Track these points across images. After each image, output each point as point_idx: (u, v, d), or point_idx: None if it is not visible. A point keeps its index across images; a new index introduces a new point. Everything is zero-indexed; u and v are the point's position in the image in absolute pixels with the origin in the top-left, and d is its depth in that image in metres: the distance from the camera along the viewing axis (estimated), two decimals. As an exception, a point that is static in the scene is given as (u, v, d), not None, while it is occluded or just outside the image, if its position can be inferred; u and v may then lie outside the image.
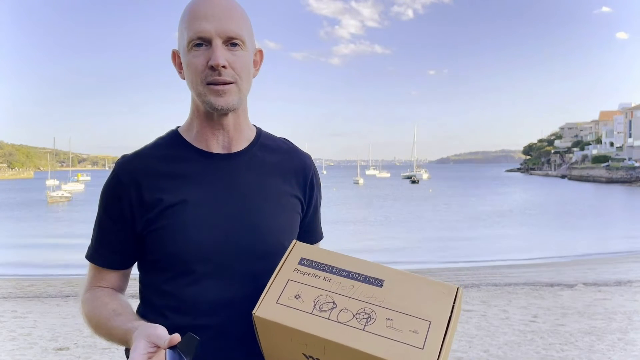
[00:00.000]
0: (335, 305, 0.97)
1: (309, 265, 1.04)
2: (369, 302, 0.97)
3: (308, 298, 0.99)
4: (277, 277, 1.03)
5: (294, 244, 1.09)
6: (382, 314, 0.94)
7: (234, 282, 1.12)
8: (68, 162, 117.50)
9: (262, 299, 1.00)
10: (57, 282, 10.06)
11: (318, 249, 1.11)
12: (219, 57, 1.09)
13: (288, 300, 0.99)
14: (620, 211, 30.76)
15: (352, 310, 0.96)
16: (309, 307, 0.97)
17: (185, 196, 1.13)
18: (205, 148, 1.19)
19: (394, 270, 1.02)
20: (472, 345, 5.00)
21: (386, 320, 0.94)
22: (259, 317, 0.98)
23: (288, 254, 1.07)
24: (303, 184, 1.28)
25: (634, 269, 11.11)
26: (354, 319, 0.94)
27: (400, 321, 0.93)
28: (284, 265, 1.05)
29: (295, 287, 1.01)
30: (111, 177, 1.18)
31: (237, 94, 1.14)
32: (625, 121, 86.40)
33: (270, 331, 1.00)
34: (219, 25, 1.10)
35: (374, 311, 0.95)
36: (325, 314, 0.96)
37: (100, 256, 1.19)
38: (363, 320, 0.94)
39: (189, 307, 1.11)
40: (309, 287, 1.00)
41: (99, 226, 1.20)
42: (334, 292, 0.99)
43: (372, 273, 1.01)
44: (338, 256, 1.06)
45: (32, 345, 5.15)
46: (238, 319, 1.10)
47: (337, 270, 1.03)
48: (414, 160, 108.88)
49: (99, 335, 1.15)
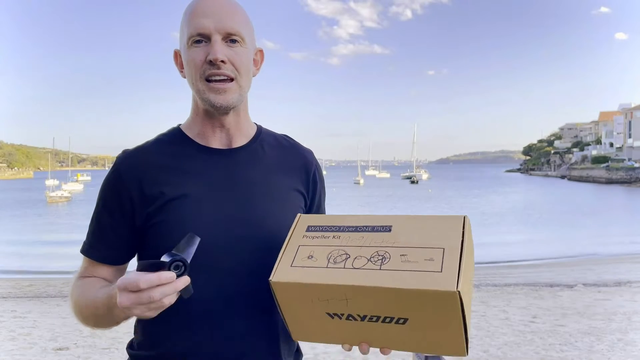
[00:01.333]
0: (349, 255, 0.99)
1: (317, 230, 1.07)
2: (380, 246, 0.99)
3: (321, 256, 1.01)
4: (288, 246, 1.05)
5: (298, 217, 1.12)
6: (396, 253, 0.97)
7: (235, 277, 1.12)
8: (68, 162, 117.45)
9: (277, 266, 1.02)
10: (56, 282, 10.06)
11: (323, 215, 1.13)
12: (217, 51, 1.10)
13: (302, 262, 1.01)
14: (620, 212, 30.75)
15: (366, 256, 0.98)
16: (324, 263, 0.99)
17: (186, 191, 1.13)
18: (206, 144, 1.20)
19: (400, 215, 1.05)
20: (471, 346, 4.99)
21: (400, 257, 0.95)
22: (277, 282, 0.99)
23: (294, 226, 1.10)
24: (306, 179, 1.28)
25: (633, 269, 11.11)
26: (369, 262, 0.96)
27: (414, 254, 0.95)
28: (292, 235, 1.08)
29: (307, 250, 1.03)
30: (112, 172, 1.18)
31: (237, 91, 1.15)
32: (625, 122, 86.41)
33: (290, 295, 1.01)
34: (218, 21, 1.11)
35: (387, 252, 0.97)
36: (341, 265, 0.98)
37: (96, 250, 1.19)
38: (378, 261, 0.96)
39: (190, 302, 1.11)
40: (320, 247, 1.03)
41: (96, 220, 1.19)
42: (345, 245, 1.01)
43: (379, 222, 1.04)
44: (343, 217, 1.09)
45: (31, 345, 5.15)
46: (239, 313, 1.10)
47: (344, 227, 1.05)
48: (414, 161, 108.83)
49: (86, 323, 1.13)
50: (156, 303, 0.89)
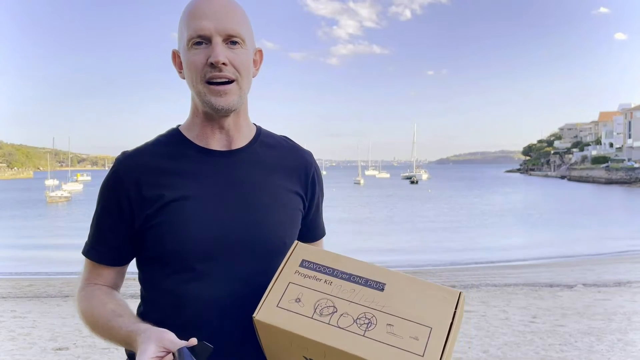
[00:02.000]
0: (336, 309, 0.97)
1: (310, 267, 1.04)
2: (369, 307, 0.96)
3: (309, 302, 0.98)
4: (278, 280, 1.03)
5: (295, 245, 1.09)
6: (383, 319, 0.94)
7: (234, 279, 1.11)
8: (67, 162, 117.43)
9: (263, 303, 1.00)
10: (56, 282, 10.07)
11: (319, 250, 1.10)
12: (219, 54, 1.09)
13: (288, 304, 0.99)
14: (620, 212, 30.76)
15: (353, 315, 0.95)
16: (310, 312, 0.97)
17: (185, 192, 1.13)
18: (206, 146, 1.19)
19: (396, 273, 1.02)
20: (471, 346, 5.00)
21: (387, 326, 0.93)
22: (260, 320, 0.98)
23: (289, 255, 1.07)
24: (304, 181, 1.28)
25: (633, 269, 11.12)
26: (354, 324, 0.94)
27: (401, 327, 0.93)
28: (285, 267, 1.05)
29: (296, 290, 1.01)
30: (111, 173, 1.18)
31: (237, 92, 1.14)
32: (625, 122, 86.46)
33: (271, 334, 1.00)
34: (218, 23, 1.10)
35: (375, 316, 0.95)
36: (326, 319, 0.96)
37: (97, 252, 1.19)
38: (363, 325, 0.94)
39: (189, 304, 1.11)
40: (309, 290, 1.00)
41: (96, 222, 1.19)
42: (335, 295, 0.99)
43: (374, 276, 1.01)
44: (339, 258, 1.05)
45: (31, 345, 5.15)
46: (238, 316, 1.10)
47: (338, 272, 1.02)
48: (414, 161, 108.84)
49: (95, 334, 1.14)
50: None
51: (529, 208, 32.28)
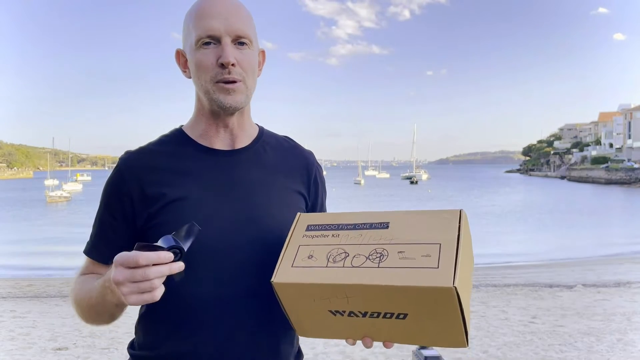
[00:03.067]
0: (348, 254, 1.00)
1: (316, 229, 1.08)
2: (378, 243, 1.00)
3: (321, 255, 1.02)
4: (288, 246, 1.06)
5: (298, 216, 1.13)
6: (394, 249, 0.98)
7: (236, 278, 1.11)
8: (67, 162, 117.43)
9: (278, 267, 1.03)
10: (56, 282, 10.06)
11: (322, 214, 1.14)
12: (229, 55, 1.10)
13: (302, 262, 1.02)
14: (620, 212, 30.76)
15: (364, 254, 0.99)
16: (324, 262, 1.00)
17: (187, 192, 1.13)
18: (209, 145, 1.20)
19: (397, 212, 1.06)
20: (471, 346, 5.00)
21: (398, 254, 0.96)
22: (278, 283, 1.01)
23: (294, 225, 1.11)
24: (307, 181, 1.29)
25: (633, 270, 11.11)
26: (367, 260, 0.98)
27: (412, 251, 0.96)
28: (293, 235, 1.09)
29: (307, 249, 1.04)
30: (114, 173, 1.18)
31: (244, 92, 1.15)
32: (625, 122, 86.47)
33: (292, 295, 1.02)
34: (228, 24, 1.11)
35: (385, 249, 0.98)
36: (340, 264, 0.99)
37: (98, 251, 1.19)
38: (376, 259, 0.97)
39: (191, 303, 1.11)
40: (319, 246, 1.04)
41: (99, 221, 1.20)
42: (344, 243, 1.03)
43: (377, 219, 1.05)
44: (342, 215, 1.10)
45: (31, 345, 5.15)
46: (241, 314, 1.10)
47: (343, 225, 1.07)
48: (414, 161, 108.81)
49: (86, 318, 1.13)
50: (148, 283, 0.89)
51: (528, 208, 32.28)
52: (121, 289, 0.91)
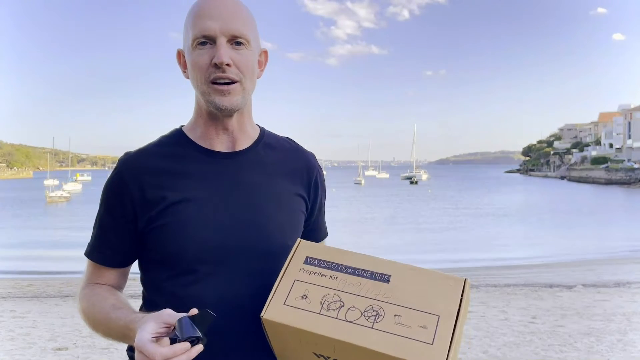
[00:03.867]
0: (343, 303, 0.97)
1: (315, 264, 1.04)
2: (376, 299, 0.97)
3: (315, 298, 0.98)
4: (284, 278, 1.03)
5: (298, 243, 1.09)
6: (390, 311, 0.94)
7: (236, 281, 1.11)
8: (68, 162, 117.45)
9: (270, 301, 1.00)
10: (56, 282, 10.06)
11: (323, 246, 1.11)
12: (222, 55, 1.09)
13: (295, 301, 0.99)
14: (620, 212, 30.77)
15: (360, 308, 0.96)
16: (317, 307, 0.97)
17: (188, 194, 1.13)
18: (209, 147, 1.19)
19: (400, 264, 1.03)
20: (471, 346, 5.00)
21: (394, 317, 0.93)
22: (268, 319, 0.98)
23: (293, 253, 1.07)
24: (307, 183, 1.28)
25: (633, 270, 11.12)
26: (362, 317, 0.94)
27: (409, 317, 0.93)
28: (290, 265, 1.05)
29: (302, 287, 1.01)
30: (114, 174, 1.18)
31: (241, 93, 1.14)
32: (625, 122, 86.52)
33: (280, 333, 1.00)
34: (223, 24, 1.10)
35: (382, 308, 0.95)
36: (334, 313, 0.96)
37: (100, 253, 1.19)
38: (371, 317, 0.94)
39: (191, 306, 1.10)
40: (315, 286, 1.00)
41: (99, 223, 1.19)
42: (341, 290, 0.99)
43: (378, 269, 1.01)
44: (343, 253, 1.06)
45: (31, 345, 5.15)
46: (241, 318, 1.10)
47: (343, 267, 1.02)
48: (414, 161, 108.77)
49: (96, 332, 1.14)
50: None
51: (528, 209, 32.29)
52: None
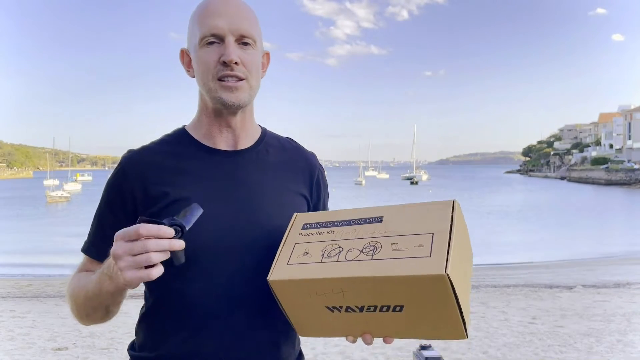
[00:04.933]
0: (342, 249, 1.01)
1: (312, 227, 1.09)
2: (372, 237, 1.01)
3: (316, 252, 1.02)
4: (284, 245, 1.07)
5: (295, 216, 1.13)
6: (387, 242, 0.98)
7: (237, 278, 1.11)
8: (67, 162, 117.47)
9: (274, 265, 1.04)
10: (55, 282, 10.06)
11: (318, 212, 1.15)
12: (231, 53, 1.10)
13: (298, 259, 1.03)
14: (620, 213, 30.77)
15: (358, 248, 0.99)
16: (318, 258, 1.01)
17: (190, 192, 1.13)
18: (212, 145, 1.20)
19: (391, 206, 1.07)
20: (470, 347, 5.00)
21: (391, 246, 0.97)
22: (274, 280, 1.01)
23: (291, 225, 1.11)
24: (309, 183, 1.29)
25: (632, 270, 11.12)
26: (361, 253, 0.98)
27: (405, 242, 0.97)
28: (289, 234, 1.09)
29: (303, 247, 1.05)
30: (116, 171, 1.18)
31: (247, 91, 1.15)
32: (625, 123, 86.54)
33: (288, 293, 1.02)
34: (232, 23, 1.12)
35: (379, 242, 0.99)
36: (334, 258, 0.99)
37: (97, 249, 1.18)
38: (370, 252, 0.98)
39: (194, 303, 1.11)
40: (315, 243, 1.05)
41: (98, 219, 1.19)
42: (339, 239, 1.03)
43: (371, 214, 1.06)
44: (338, 212, 1.11)
45: (30, 345, 5.15)
46: (243, 314, 1.10)
47: (338, 222, 1.07)
48: (414, 162, 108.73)
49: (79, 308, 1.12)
50: (145, 256, 0.89)
51: (528, 209, 32.29)
52: (119, 264, 0.91)
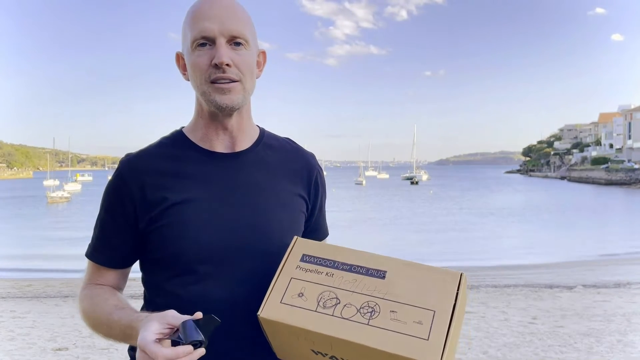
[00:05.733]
0: (339, 300, 0.97)
1: (311, 261, 1.05)
2: (372, 295, 0.97)
3: (311, 295, 0.99)
4: (280, 276, 1.04)
5: (295, 240, 1.10)
6: (386, 307, 0.95)
7: (236, 282, 1.11)
8: (67, 162, 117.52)
9: (266, 300, 1.01)
10: (55, 282, 10.05)
11: (319, 243, 1.11)
12: (222, 55, 1.10)
13: (292, 299, 0.99)
14: (620, 213, 30.78)
15: (356, 305, 0.96)
16: (313, 305, 0.98)
17: (188, 195, 1.13)
18: (210, 148, 1.19)
19: (396, 260, 1.03)
20: (471, 347, 5.00)
21: (390, 313, 0.94)
22: (264, 318, 0.99)
23: (290, 251, 1.08)
24: (307, 184, 1.28)
25: (633, 270, 11.12)
26: (358, 313, 0.95)
27: (404, 313, 0.93)
28: (286, 263, 1.06)
29: (299, 285, 1.01)
30: (115, 176, 1.18)
31: (241, 92, 1.15)
32: (625, 123, 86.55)
33: (277, 331, 1.01)
34: (222, 24, 1.11)
35: (378, 304, 0.96)
36: (329, 311, 0.96)
37: (101, 254, 1.19)
38: (367, 314, 0.95)
39: (192, 307, 1.10)
40: (311, 284, 1.01)
41: (100, 224, 1.20)
42: (337, 287, 1.00)
43: (374, 265, 1.02)
44: (339, 249, 1.07)
45: (30, 346, 5.15)
46: (241, 318, 1.10)
47: (339, 264, 1.03)
48: (414, 162, 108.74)
49: (97, 332, 1.14)
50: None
51: (528, 209, 32.29)
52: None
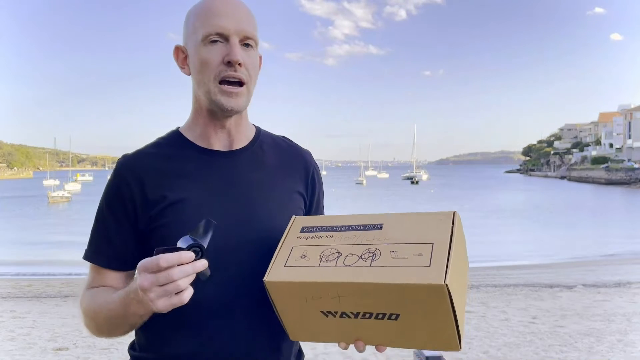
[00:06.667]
0: (340, 253, 1.00)
1: (311, 230, 1.08)
2: (371, 243, 1.00)
3: (314, 255, 1.02)
4: (282, 247, 1.07)
5: (293, 219, 1.13)
6: (386, 249, 0.98)
7: (236, 279, 1.12)
8: (67, 162, 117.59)
9: (271, 266, 1.03)
10: (56, 282, 10.05)
11: (317, 216, 1.14)
12: (237, 53, 1.10)
13: (295, 261, 1.02)
14: (620, 212, 30.77)
15: (357, 254, 0.99)
16: (316, 262, 1.00)
17: (187, 194, 1.13)
18: (207, 146, 1.20)
19: (391, 214, 1.06)
20: (471, 347, 5.00)
21: (390, 253, 0.96)
22: (270, 281, 1.01)
23: (289, 228, 1.11)
24: (305, 180, 1.29)
25: (633, 270, 11.12)
26: (360, 259, 0.98)
27: (404, 250, 0.96)
28: (287, 236, 1.09)
29: (300, 250, 1.04)
30: (114, 176, 1.18)
31: (246, 96, 1.16)
32: (625, 122, 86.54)
33: (284, 295, 1.02)
34: (237, 24, 1.12)
35: (378, 249, 0.98)
36: (332, 263, 0.99)
37: (101, 255, 1.18)
38: (369, 258, 0.97)
39: (192, 305, 1.11)
40: (313, 246, 1.04)
41: (100, 225, 1.19)
42: (338, 244, 1.03)
43: (371, 221, 1.06)
44: (337, 217, 1.10)
45: (31, 346, 5.15)
46: (240, 316, 1.11)
47: (337, 227, 1.07)
48: (414, 161, 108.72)
49: (100, 327, 1.12)
50: (174, 285, 0.90)
51: (528, 208, 32.29)
52: (148, 295, 0.91)
